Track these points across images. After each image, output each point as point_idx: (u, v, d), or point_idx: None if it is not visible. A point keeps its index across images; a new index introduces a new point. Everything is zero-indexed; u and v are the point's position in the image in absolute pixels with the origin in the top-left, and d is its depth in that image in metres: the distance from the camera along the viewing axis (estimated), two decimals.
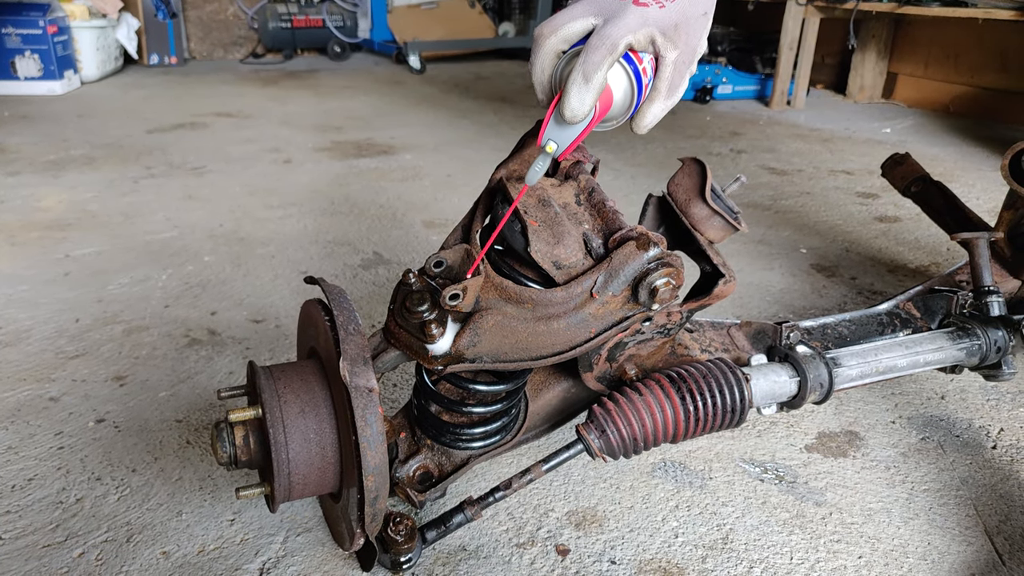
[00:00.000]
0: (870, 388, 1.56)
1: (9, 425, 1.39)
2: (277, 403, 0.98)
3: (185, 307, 1.86)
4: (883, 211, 2.69)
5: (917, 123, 4.17)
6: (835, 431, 1.44)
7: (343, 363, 0.92)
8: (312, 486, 1.02)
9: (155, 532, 1.16)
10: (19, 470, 1.28)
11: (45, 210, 2.50)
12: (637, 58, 0.82)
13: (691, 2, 0.83)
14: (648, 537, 1.18)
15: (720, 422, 1.07)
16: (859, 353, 1.20)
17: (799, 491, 1.29)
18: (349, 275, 2.07)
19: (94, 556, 1.11)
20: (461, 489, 1.25)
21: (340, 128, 3.77)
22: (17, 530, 1.15)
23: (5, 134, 3.47)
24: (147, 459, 1.32)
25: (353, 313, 0.99)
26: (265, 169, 3.05)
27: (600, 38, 0.80)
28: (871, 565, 1.14)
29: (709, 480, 1.30)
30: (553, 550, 1.15)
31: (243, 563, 1.11)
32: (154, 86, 4.83)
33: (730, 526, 1.20)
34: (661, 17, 0.80)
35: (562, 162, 1.05)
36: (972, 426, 1.47)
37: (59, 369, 1.57)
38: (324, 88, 4.92)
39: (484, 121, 4.05)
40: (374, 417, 0.92)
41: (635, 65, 0.82)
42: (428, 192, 2.79)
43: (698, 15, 0.83)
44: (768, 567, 1.13)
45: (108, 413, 1.43)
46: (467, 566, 1.11)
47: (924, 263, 2.24)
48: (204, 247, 2.23)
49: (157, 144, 3.38)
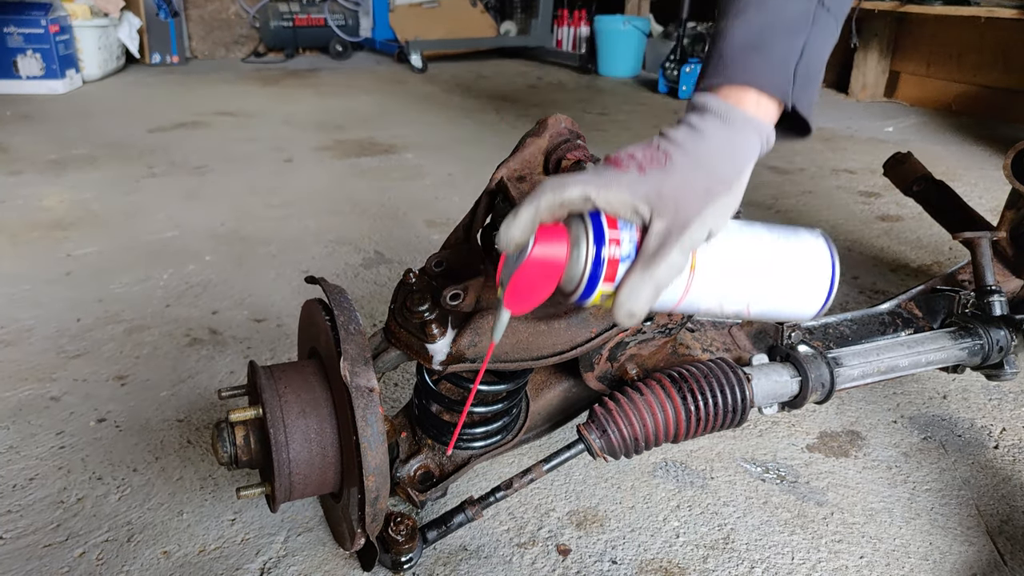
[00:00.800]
0: (872, 388, 1.56)
1: (10, 424, 1.39)
2: (278, 403, 0.98)
3: (186, 306, 1.86)
4: (885, 210, 2.68)
5: (919, 122, 4.17)
6: (837, 431, 1.44)
7: (344, 363, 0.92)
8: (313, 486, 1.01)
9: (156, 532, 1.16)
10: (20, 469, 1.28)
11: (47, 209, 2.50)
12: (611, 224, 0.73)
13: (685, 175, 0.72)
14: (649, 537, 1.18)
15: (721, 422, 1.07)
16: (861, 353, 1.20)
17: (800, 491, 1.28)
18: (351, 274, 2.06)
19: (95, 556, 1.11)
20: (462, 489, 1.25)
21: (342, 127, 3.76)
22: (18, 529, 1.15)
23: (7, 133, 3.47)
24: (148, 458, 1.31)
25: (354, 313, 0.99)
26: (267, 168, 3.05)
27: (550, 182, 0.74)
28: (873, 565, 1.13)
29: (710, 480, 1.30)
30: (554, 550, 1.15)
31: (244, 563, 1.11)
32: (156, 85, 4.83)
33: (731, 526, 1.20)
34: (638, 183, 0.72)
35: (563, 162, 1.05)
36: (974, 426, 1.47)
37: (60, 369, 1.57)
38: (326, 87, 4.92)
39: (485, 120, 4.05)
40: (375, 417, 0.92)
41: (601, 227, 0.73)
42: (430, 191, 2.79)
43: (696, 190, 0.72)
44: (769, 567, 1.12)
45: (109, 413, 1.43)
46: (468, 566, 1.11)
47: (926, 262, 2.23)
48: (205, 246, 2.23)
49: (159, 143, 3.38)
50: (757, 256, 0.80)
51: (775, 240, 0.82)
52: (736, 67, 0.76)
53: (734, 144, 0.75)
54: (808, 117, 0.79)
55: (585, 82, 5.38)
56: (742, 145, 0.75)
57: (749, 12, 0.78)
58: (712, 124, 0.75)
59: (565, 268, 0.74)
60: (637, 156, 0.74)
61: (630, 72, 5.67)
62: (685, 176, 0.73)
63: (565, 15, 6.36)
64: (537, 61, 6.29)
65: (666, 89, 4.89)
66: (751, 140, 0.76)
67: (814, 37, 0.78)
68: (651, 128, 3.89)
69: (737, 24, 0.78)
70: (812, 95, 0.79)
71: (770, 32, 0.77)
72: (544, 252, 0.73)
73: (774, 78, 0.76)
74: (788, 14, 0.77)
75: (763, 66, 0.76)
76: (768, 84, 0.76)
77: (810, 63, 0.78)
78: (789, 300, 0.83)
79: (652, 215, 0.72)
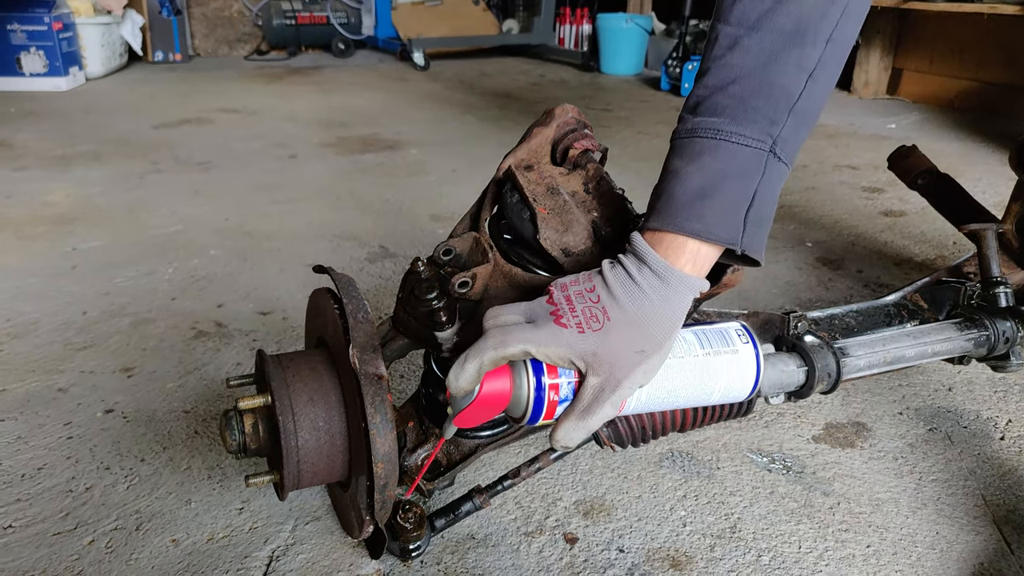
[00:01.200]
0: (877, 380, 1.56)
1: (19, 415, 1.39)
2: (286, 391, 0.98)
3: (192, 300, 1.86)
4: (889, 205, 2.69)
5: (922, 118, 4.17)
6: (842, 422, 1.44)
7: (353, 350, 0.92)
8: (321, 474, 1.02)
9: (164, 520, 1.16)
10: (29, 459, 1.28)
11: (52, 204, 2.51)
12: (551, 371, 0.80)
13: (621, 338, 0.77)
14: (656, 526, 1.18)
15: (729, 411, 1.07)
16: (867, 343, 1.20)
17: (807, 481, 1.29)
18: (355, 269, 2.07)
19: (104, 544, 1.12)
20: (469, 478, 1.25)
21: (345, 124, 3.77)
22: (27, 518, 1.16)
23: (12, 130, 3.48)
24: (156, 449, 1.32)
25: (362, 301, 0.99)
26: (270, 164, 3.06)
27: (494, 334, 0.80)
28: (879, 554, 1.14)
29: (717, 470, 1.30)
30: (561, 538, 1.15)
31: (252, 551, 1.11)
32: (159, 82, 4.84)
33: (738, 515, 1.20)
34: (576, 342, 0.77)
35: (571, 151, 1.05)
36: (980, 417, 1.47)
37: (67, 361, 1.58)
38: (329, 84, 4.92)
39: (488, 117, 4.05)
40: (384, 404, 0.92)
41: (540, 375, 0.80)
42: (433, 187, 2.80)
43: (629, 352, 0.77)
44: (776, 556, 1.13)
45: (116, 404, 1.44)
46: (476, 554, 1.12)
47: (930, 256, 2.24)
48: (210, 241, 2.23)
49: (163, 140, 3.38)
50: (685, 378, 0.86)
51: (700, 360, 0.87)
52: (685, 216, 0.78)
53: (670, 305, 0.78)
54: (759, 259, 0.82)
55: (587, 80, 5.38)
56: (677, 306, 0.78)
57: (703, 158, 0.79)
58: (651, 282, 0.78)
59: (508, 402, 0.83)
60: (576, 310, 0.78)
61: (632, 70, 5.67)
62: (620, 338, 0.77)
63: (567, 13, 6.35)
64: (539, 59, 6.29)
65: (668, 86, 4.89)
66: (685, 300, 0.79)
67: (764, 183, 0.79)
68: (653, 124, 3.90)
69: (692, 170, 0.79)
70: (763, 237, 0.81)
71: (722, 179, 0.78)
72: (490, 391, 0.81)
73: (725, 228, 0.78)
74: (740, 164, 0.79)
75: (715, 216, 0.78)
76: (716, 234, 0.78)
77: (761, 208, 0.79)
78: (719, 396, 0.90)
79: (587, 371, 0.77)
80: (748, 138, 0.79)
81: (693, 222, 0.78)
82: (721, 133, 0.79)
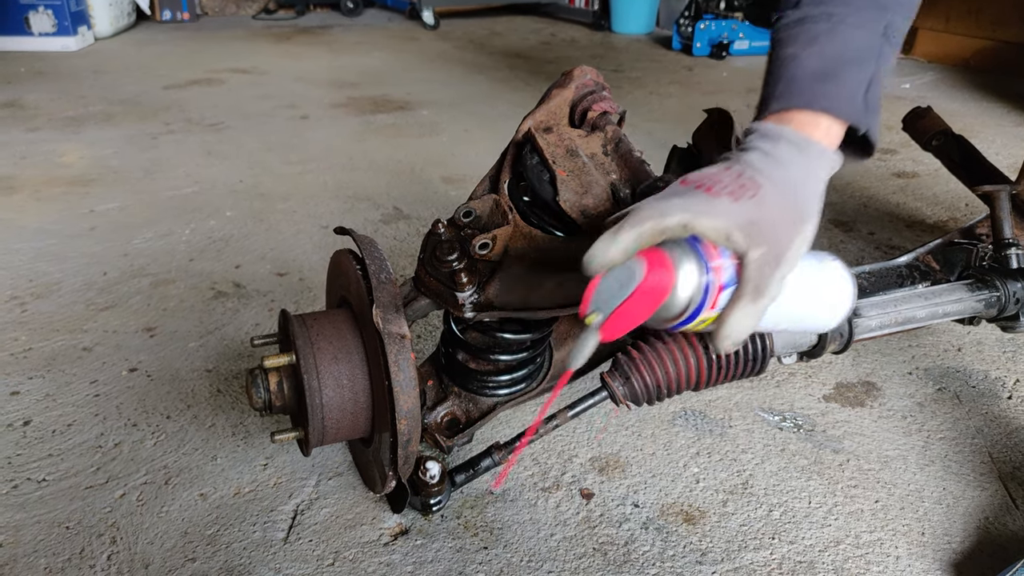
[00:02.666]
0: (887, 341, 1.58)
1: (46, 373, 1.43)
2: (311, 349, 1.01)
3: (209, 260, 1.88)
4: (901, 167, 2.68)
5: (937, 78, 4.12)
6: (852, 382, 1.47)
7: (376, 310, 0.95)
8: (345, 430, 1.05)
9: (192, 475, 1.20)
10: (58, 416, 1.32)
11: (67, 166, 2.52)
12: (710, 253, 0.73)
13: (779, 205, 0.73)
14: (670, 482, 1.21)
15: (742, 370, 1.09)
16: (879, 304, 1.21)
17: (817, 439, 1.31)
18: (370, 230, 2.08)
19: (135, 497, 1.15)
20: (487, 435, 1.28)
21: (355, 84, 3.76)
22: (60, 472, 1.19)
23: (23, 90, 3.48)
24: (180, 407, 1.35)
25: (384, 262, 1.01)
26: (282, 125, 3.06)
27: (649, 203, 0.74)
28: (887, 509, 1.16)
29: (729, 428, 1.33)
30: (578, 494, 1.18)
31: (278, 504, 1.15)
32: (167, 42, 4.82)
33: (750, 472, 1.23)
34: (734, 210, 0.72)
35: (589, 113, 1.06)
36: (988, 377, 1.49)
37: (90, 320, 1.61)
38: (338, 44, 4.89)
39: (499, 77, 4.03)
40: (407, 362, 0.94)
41: (704, 256, 0.73)
42: (446, 147, 2.80)
43: (786, 221, 0.73)
44: (787, 511, 1.16)
45: (140, 363, 1.47)
46: (495, 509, 1.15)
47: (942, 218, 2.24)
48: (225, 202, 2.25)
49: (174, 100, 3.38)
50: (801, 285, 0.84)
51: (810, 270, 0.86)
52: (812, 94, 0.79)
53: (813, 176, 0.78)
54: (876, 141, 0.83)
55: (598, 39, 5.33)
56: (817, 175, 0.78)
57: (820, 42, 0.81)
58: (791, 155, 0.77)
59: (668, 295, 0.73)
60: (724, 182, 0.75)
61: (644, 29, 5.60)
62: (777, 205, 0.74)
63: None
64: (550, 18, 6.22)
65: (680, 46, 4.84)
66: (823, 173, 0.79)
67: (879, 69, 0.81)
68: (665, 84, 3.87)
69: (809, 54, 0.81)
70: (878, 121, 0.82)
71: (841, 63, 0.80)
72: (654, 282, 0.72)
73: (850, 106, 0.79)
74: (857, 46, 0.80)
75: (838, 94, 0.79)
76: (845, 112, 0.79)
77: (876, 92, 0.81)
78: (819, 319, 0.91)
79: (748, 244, 0.72)
80: (864, 20, 0.80)
81: (821, 100, 0.79)
82: (835, 17, 0.81)
